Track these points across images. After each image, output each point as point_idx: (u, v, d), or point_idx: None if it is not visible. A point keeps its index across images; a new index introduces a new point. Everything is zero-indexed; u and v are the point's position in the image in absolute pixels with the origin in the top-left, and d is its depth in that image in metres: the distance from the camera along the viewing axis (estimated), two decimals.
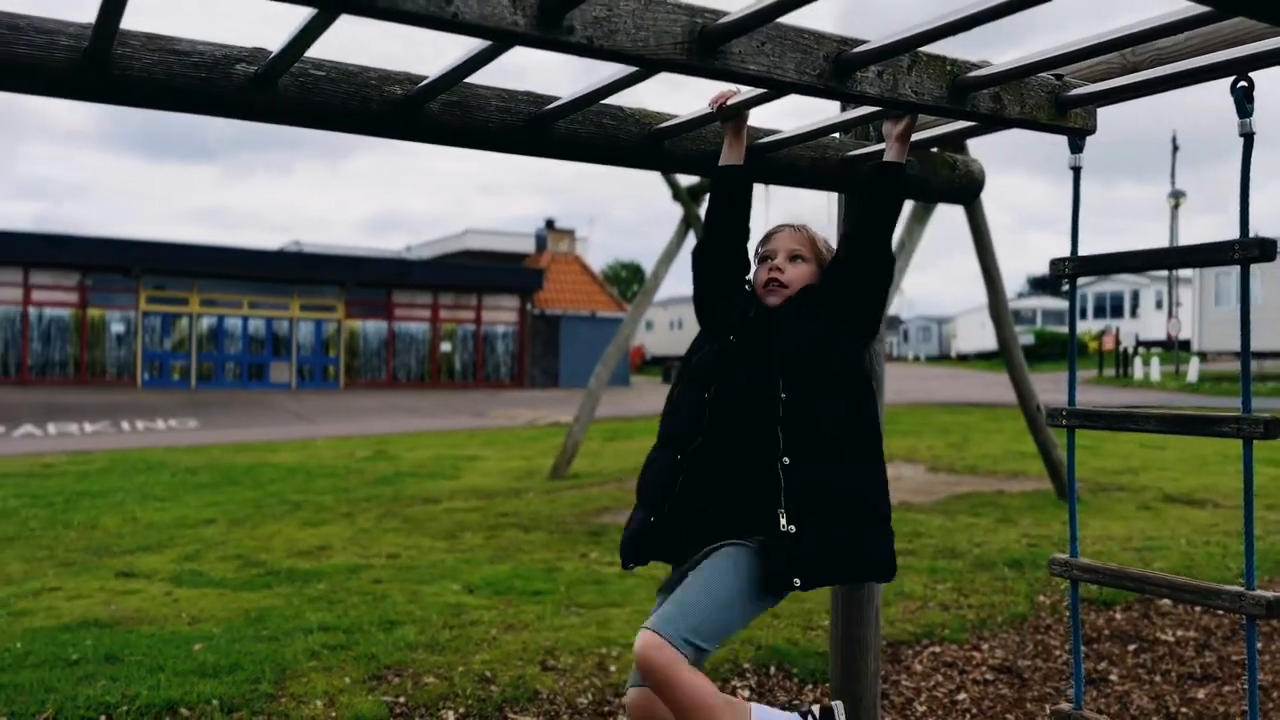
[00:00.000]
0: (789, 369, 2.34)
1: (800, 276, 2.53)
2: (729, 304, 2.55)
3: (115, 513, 8.59)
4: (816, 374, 2.36)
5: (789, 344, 2.38)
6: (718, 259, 2.60)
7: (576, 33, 1.72)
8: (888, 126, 2.44)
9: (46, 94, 1.95)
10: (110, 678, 4.15)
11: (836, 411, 2.35)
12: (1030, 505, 8.66)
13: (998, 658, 4.63)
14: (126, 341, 28.67)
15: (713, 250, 2.60)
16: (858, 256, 2.46)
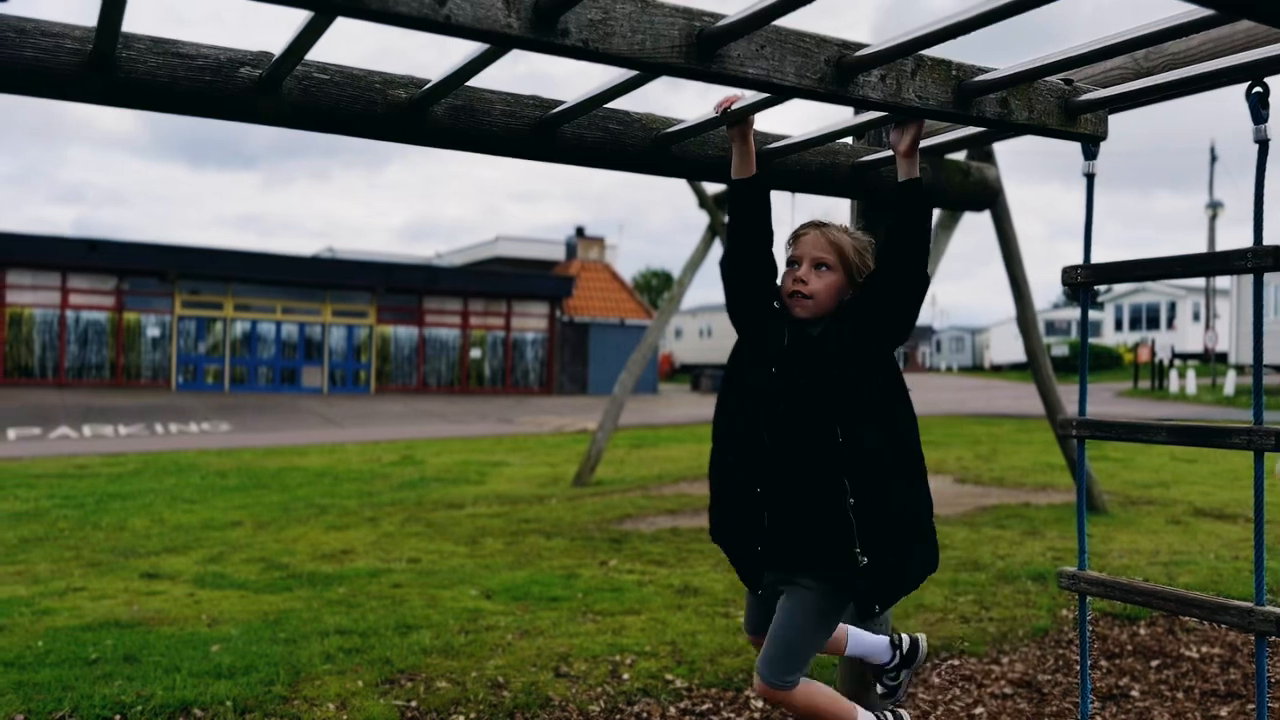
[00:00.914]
0: (840, 406, 2.38)
1: (826, 287, 2.47)
2: (764, 330, 2.53)
3: (144, 514, 8.69)
4: (866, 406, 2.39)
5: (836, 380, 2.40)
6: (744, 267, 2.57)
7: (571, 35, 1.71)
8: (894, 137, 2.38)
9: (52, 96, 1.98)
10: (127, 677, 4.19)
11: (888, 440, 2.42)
12: (1057, 518, 8.55)
13: (1017, 672, 4.56)
14: (161, 345, 29.05)
15: (738, 259, 2.56)
16: (890, 278, 2.41)
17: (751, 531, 2.49)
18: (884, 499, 2.40)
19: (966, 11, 1.75)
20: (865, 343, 2.41)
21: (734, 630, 5.00)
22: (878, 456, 2.40)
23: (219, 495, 9.97)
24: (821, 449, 2.37)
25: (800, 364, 2.42)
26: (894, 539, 2.42)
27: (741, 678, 4.33)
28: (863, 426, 2.38)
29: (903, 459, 2.45)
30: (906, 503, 2.46)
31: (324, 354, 31.31)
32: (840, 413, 2.37)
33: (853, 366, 2.39)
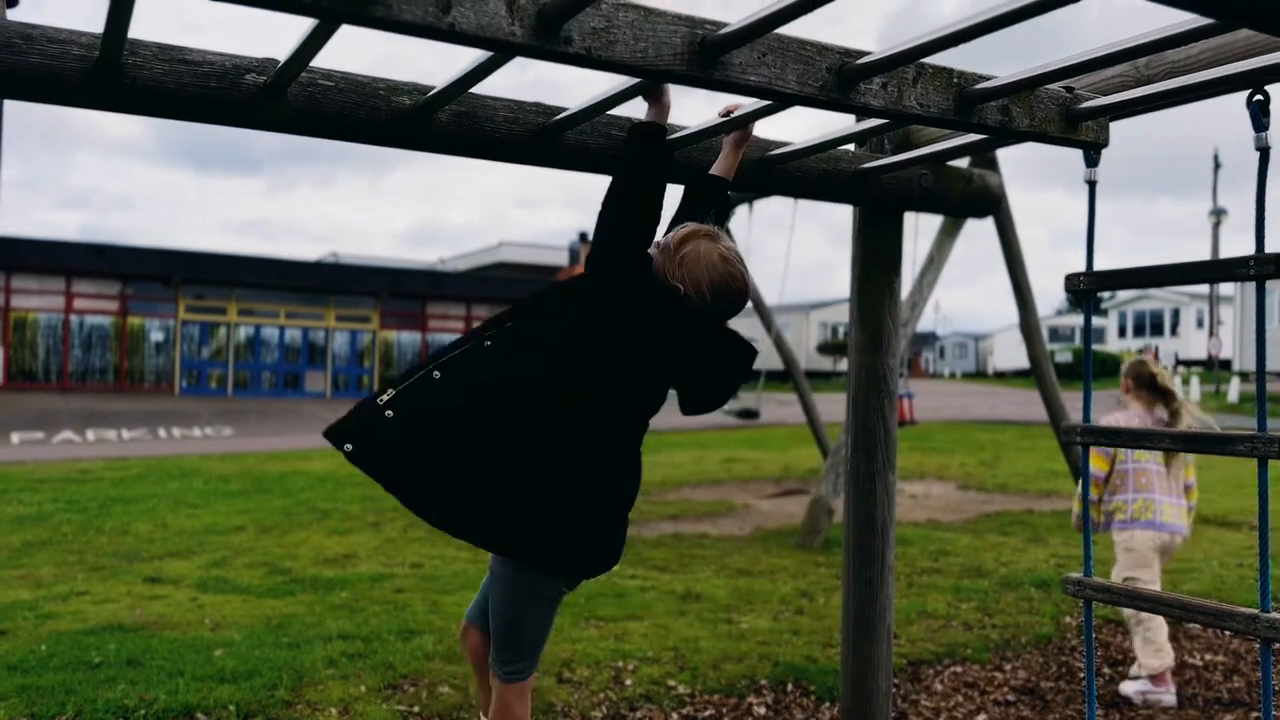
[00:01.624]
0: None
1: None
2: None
3: (147, 519, 8.69)
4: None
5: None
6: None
7: (575, 43, 1.72)
8: (645, 97, 2.28)
9: (59, 102, 1.99)
10: (130, 681, 4.19)
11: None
12: (1060, 525, 8.54)
13: (1020, 679, 4.56)
14: (165, 349, 29.08)
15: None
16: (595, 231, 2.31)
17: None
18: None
19: (967, 20, 1.76)
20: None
21: (736, 636, 5.00)
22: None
23: (222, 500, 9.97)
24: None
25: None
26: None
27: (744, 684, 4.33)
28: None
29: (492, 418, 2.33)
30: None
31: (327, 359, 31.34)
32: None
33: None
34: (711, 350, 2.37)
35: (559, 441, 2.27)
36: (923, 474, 12.39)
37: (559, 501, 2.29)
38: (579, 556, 2.37)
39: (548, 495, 2.29)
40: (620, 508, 2.42)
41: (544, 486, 2.28)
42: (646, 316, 2.30)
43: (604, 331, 2.26)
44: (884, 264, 3.02)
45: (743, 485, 11.59)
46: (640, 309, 2.28)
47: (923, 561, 6.84)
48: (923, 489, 11.13)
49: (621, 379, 2.31)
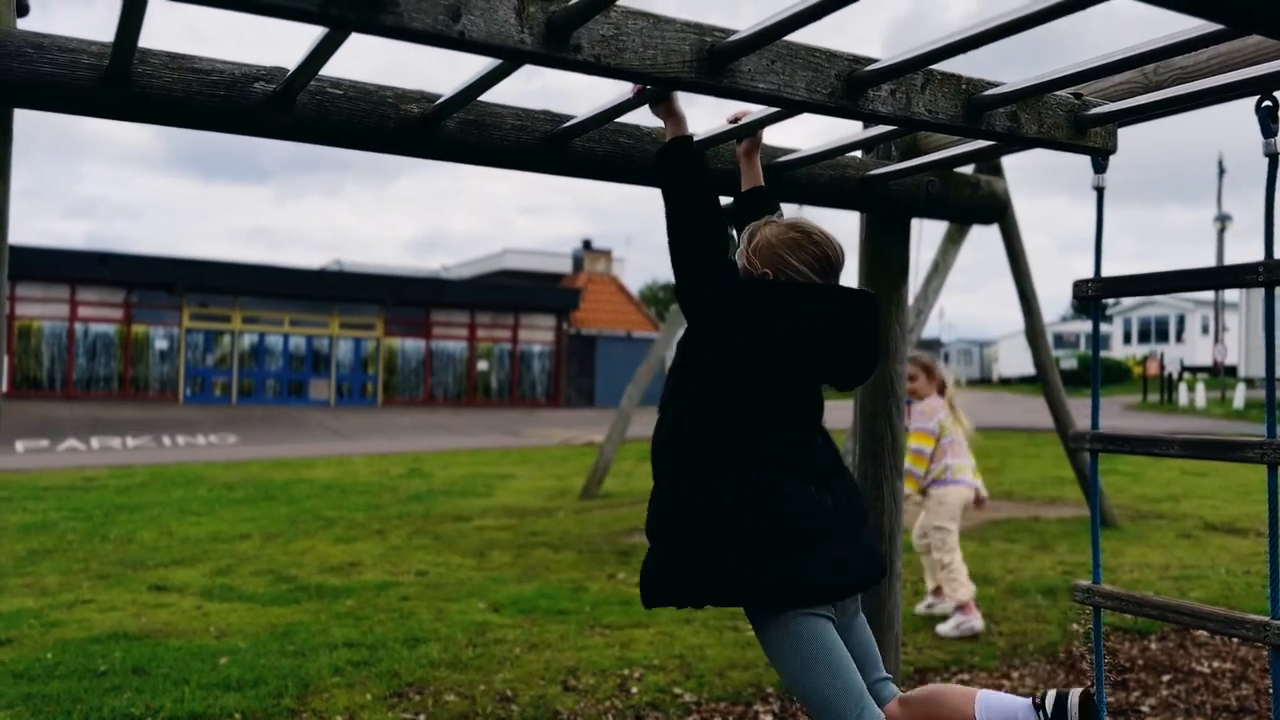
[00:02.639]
0: (670, 387, 2.41)
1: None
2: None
3: (152, 526, 8.70)
4: (683, 391, 2.35)
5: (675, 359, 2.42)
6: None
7: (584, 51, 1.72)
8: (653, 109, 2.26)
9: (69, 111, 1.99)
10: (136, 689, 4.19)
11: (688, 429, 2.31)
12: (1066, 532, 8.51)
13: (1028, 686, 4.54)
14: (170, 357, 29.12)
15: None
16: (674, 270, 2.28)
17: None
18: (674, 487, 2.29)
19: (976, 27, 1.76)
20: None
21: (743, 644, 4.99)
22: (685, 440, 2.30)
23: (227, 507, 9.98)
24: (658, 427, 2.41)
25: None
26: (672, 531, 2.28)
27: (750, 691, 4.32)
28: (675, 410, 2.35)
29: (684, 449, 2.30)
30: (669, 495, 2.31)
31: (331, 366, 31.37)
32: (668, 392, 2.39)
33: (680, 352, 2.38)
34: (845, 314, 2.22)
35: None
36: None
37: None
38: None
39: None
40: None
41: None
42: (771, 321, 2.19)
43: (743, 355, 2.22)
44: (891, 270, 3.02)
45: None
46: (760, 316, 2.18)
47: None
48: None
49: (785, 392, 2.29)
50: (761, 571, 2.16)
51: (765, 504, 2.18)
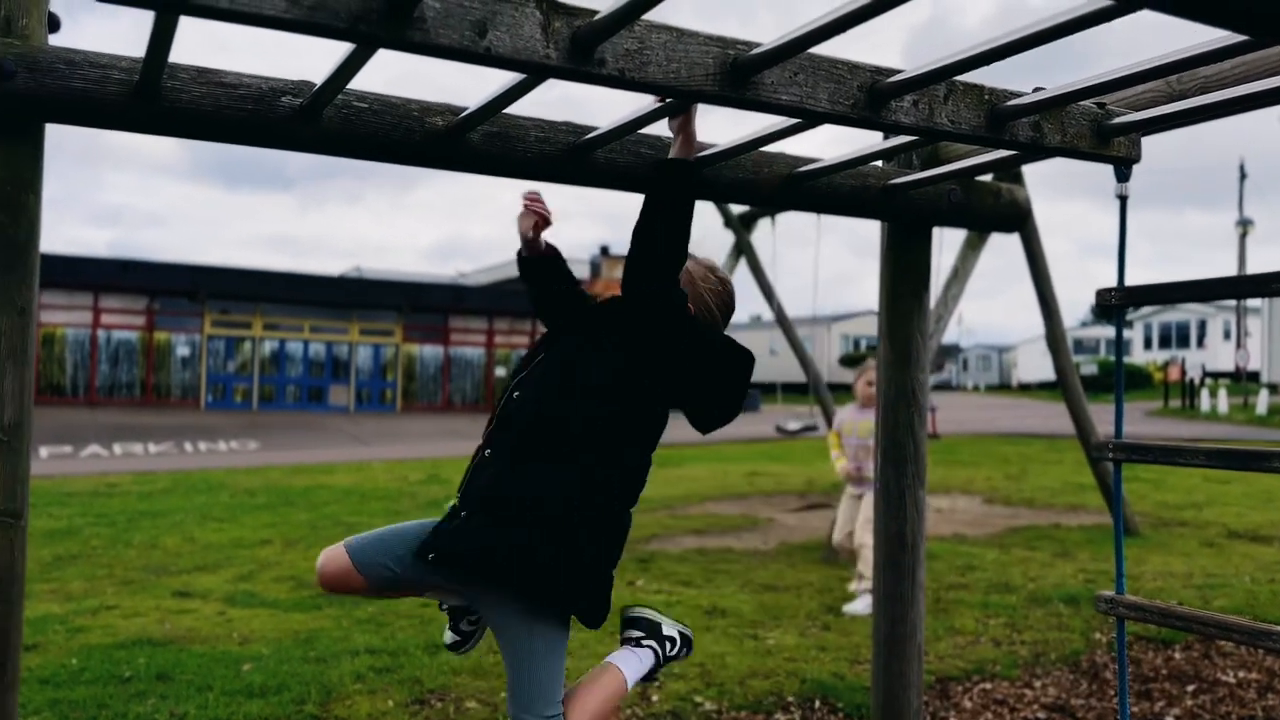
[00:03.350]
0: (534, 370, 2.38)
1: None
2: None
3: (175, 532, 8.76)
4: (548, 378, 2.34)
5: (552, 347, 2.41)
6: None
7: (608, 65, 1.74)
8: (669, 122, 2.26)
9: (100, 126, 2.02)
10: (160, 696, 4.22)
11: (548, 417, 2.29)
12: (1088, 539, 8.46)
13: (1050, 696, 4.52)
14: (191, 364, 29.35)
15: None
16: (635, 269, 2.26)
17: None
18: (511, 466, 2.29)
19: (999, 39, 1.76)
20: (601, 327, 2.37)
21: (762, 653, 4.98)
22: (529, 423, 2.30)
23: (248, 513, 10.04)
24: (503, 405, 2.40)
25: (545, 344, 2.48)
26: (498, 511, 2.27)
27: (771, 700, 4.31)
28: (539, 398, 2.32)
29: (563, 437, 2.28)
30: (538, 483, 2.26)
31: (351, 373, 31.53)
32: (531, 381, 2.37)
33: (577, 340, 2.38)
34: (720, 363, 2.35)
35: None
36: (948, 488, 12.31)
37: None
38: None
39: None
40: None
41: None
42: (673, 345, 2.32)
43: (650, 366, 2.32)
44: (913, 279, 3.02)
45: (766, 499, 11.56)
46: (671, 339, 2.29)
47: (949, 577, 6.80)
48: (948, 503, 11.06)
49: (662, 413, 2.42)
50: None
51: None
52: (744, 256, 12.00)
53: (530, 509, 2.24)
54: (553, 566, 2.24)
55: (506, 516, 2.25)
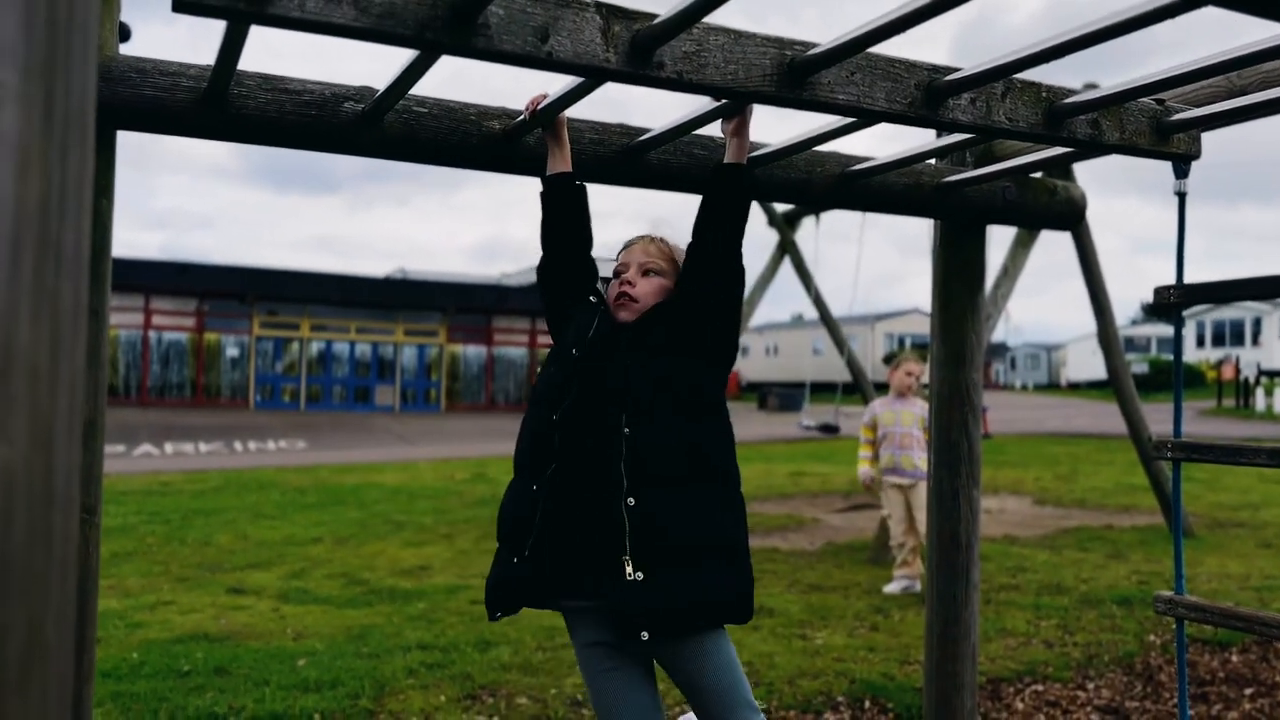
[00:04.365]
0: (629, 398, 2.19)
1: (652, 290, 2.35)
2: (575, 320, 2.40)
3: (228, 530, 8.92)
4: (657, 403, 2.20)
5: (632, 370, 2.23)
6: (562, 272, 2.44)
7: (667, 68, 1.76)
8: (723, 124, 2.22)
9: (169, 132, 2.08)
10: (219, 689, 4.31)
11: (680, 444, 2.20)
12: (1141, 540, 8.34)
13: (1104, 698, 4.47)
14: (240, 365, 29.82)
15: (554, 265, 2.44)
16: (698, 275, 2.24)
17: (523, 527, 2.25)
18: (670, 506, 2.15)
19: (1060, 36, 1.76)
20: (683, 345, 2.26)
21: (811, 653, 4.97)
22: (668, 458, 2.18)
23: (299, 511, 10.19)
24: (609, 445, 2.17)
25: (606, 353, 2.27)
26: (677, 556, 2.14)
27: (821, 700, 4.31)
28: (659, 428, 2.18)
29: (703, 466, 2.22)
30: (699, 516, 2.19)
31: (396, 373, 31.85)
32: (635, 411, 2.18)
33: (657, 360, 2.24)
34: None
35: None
36: (997, 488, 12.18)
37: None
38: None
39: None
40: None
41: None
42: (730, 337, 2.44)
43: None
44: (967, 277, 3.00)
45: (811, 499, 11.52)
46: (730, 332, 2.41)
47: (1000, 578, 6.73)
48: (997, 504, 10.95)
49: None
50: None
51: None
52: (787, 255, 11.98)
53: (710, 541, 2.19)
54: (748, 588, 2.24)
55: (692, 557, 2.17)
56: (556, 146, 2.32)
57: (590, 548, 2.17)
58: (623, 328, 2.33)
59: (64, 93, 0.67)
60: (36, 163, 0.65)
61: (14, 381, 0.63)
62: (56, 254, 0.66)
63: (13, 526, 0.63)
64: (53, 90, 0.66)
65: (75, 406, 0.68)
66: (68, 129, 0.68)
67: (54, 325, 0.66)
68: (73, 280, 0.68)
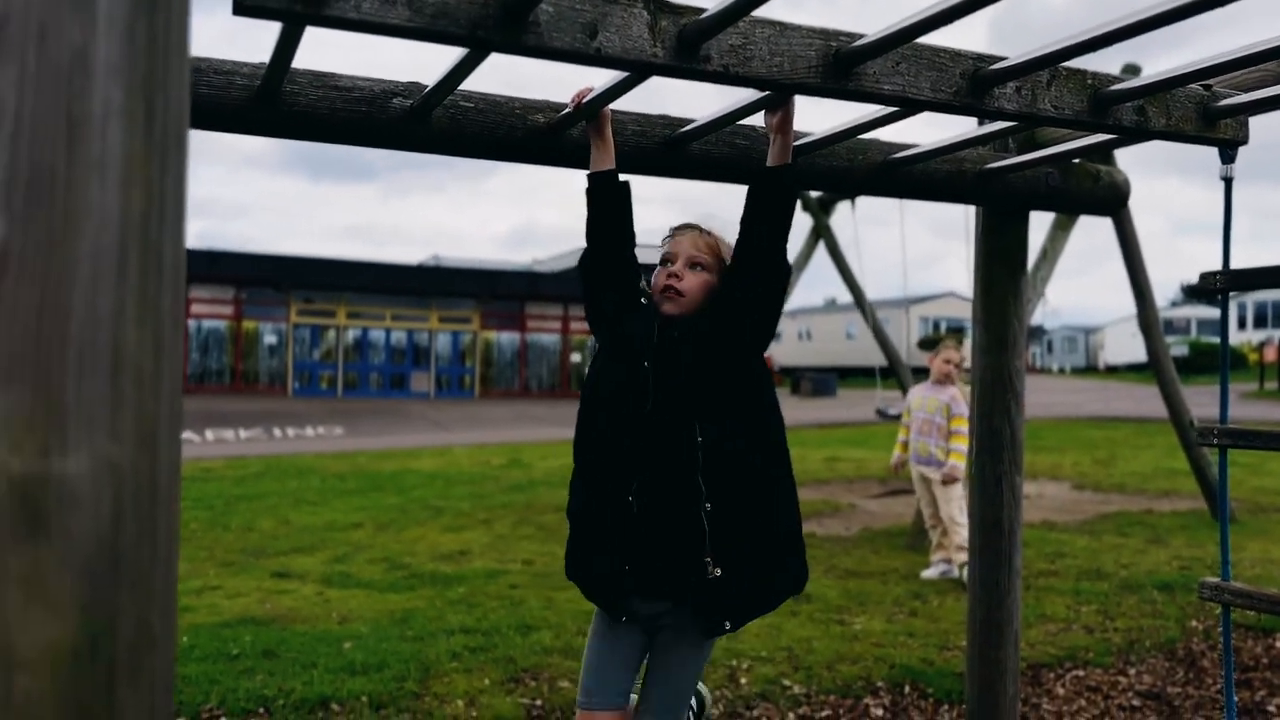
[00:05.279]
0: (699, 405, 2.27)
1: (699, 285, 2.38)
2: (629, 322, 2.44)
3: (270, 516, 9.06)
4: (727, 406, 2.29)
5: (696, 378, 2.29)
6: (605, 268, 2.45)
7: (713, 61, 1.77)
8: (766, 117, 2.24)
9: (224, 129, 2.12)
10: (268, 672, 4.40)
11: (751, 443, 2.30)
12: (1182, 525, 8.27)
13: (1145, 683, 4.45)
14: (278, 352, 30.17)
15: (599, 259, 2.45)
16: (746, 267, 2.29)
17: (623, 536, 2.31)
18: (745, 506, 2.27)
19: (1108, 25, 1.75)
20: (724, 337, 2.30)
21: (849, 638, 4.99)
22: (742, 460, 2.28)
23: (339, 497, 10.32)
24: (683, 452, 2.24)
25: (669, 359, 2.32)
26: (753, 551, 2.28)
27: (860, 685, 4.33)
28: (730, 431, 2.27)
29: (769, 461, 2.33)
30: (770, 510, 2.32)
31: (431, 360, 32.09)
32: (707, 417, 2.25)
33: (709, 362, 2.29)
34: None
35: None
36: (1035, 473, 12.10)
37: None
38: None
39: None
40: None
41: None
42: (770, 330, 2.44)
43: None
44: (1009, 263, 3.00)
45: (847, 484, 11.51)
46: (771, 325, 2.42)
47: (1039, 564, 6.71)
48: (1035, 489, 10.88)
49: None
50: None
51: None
52: (822, 240, 11.94)
53: (781, 532, 2.36)
54: (806, 570, 2.46)
55: (767, 549, 2.33)
56: (600, 141, 2.34)
57: (673, 553, 2.27)
58: (675, 330, 2.37)
59: (163, 109, 0.71)
60: (139, 176, 0.69)
61: (123, 382, 0.67)
62: (158, 262, 0.70)
63: (123, 524, 0.66)
64: (153, 106, 0.70)
65: (176, 407, 0.72)
66: (166, 143, 0.71)
67: (156, 329, 0.70)
68: (172, 286, 0.72)
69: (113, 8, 0.67)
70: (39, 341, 0.65)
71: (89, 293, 0.66)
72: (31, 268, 0.65)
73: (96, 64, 0.67)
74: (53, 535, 0.64)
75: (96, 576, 0.65)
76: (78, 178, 0.66)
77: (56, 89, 0.65)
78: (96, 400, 0.65)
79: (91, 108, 0.66)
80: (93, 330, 0.66)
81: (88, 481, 0.64)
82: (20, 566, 0.63)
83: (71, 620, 0.64)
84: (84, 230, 0.66)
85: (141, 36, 0.69)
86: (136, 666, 0.68)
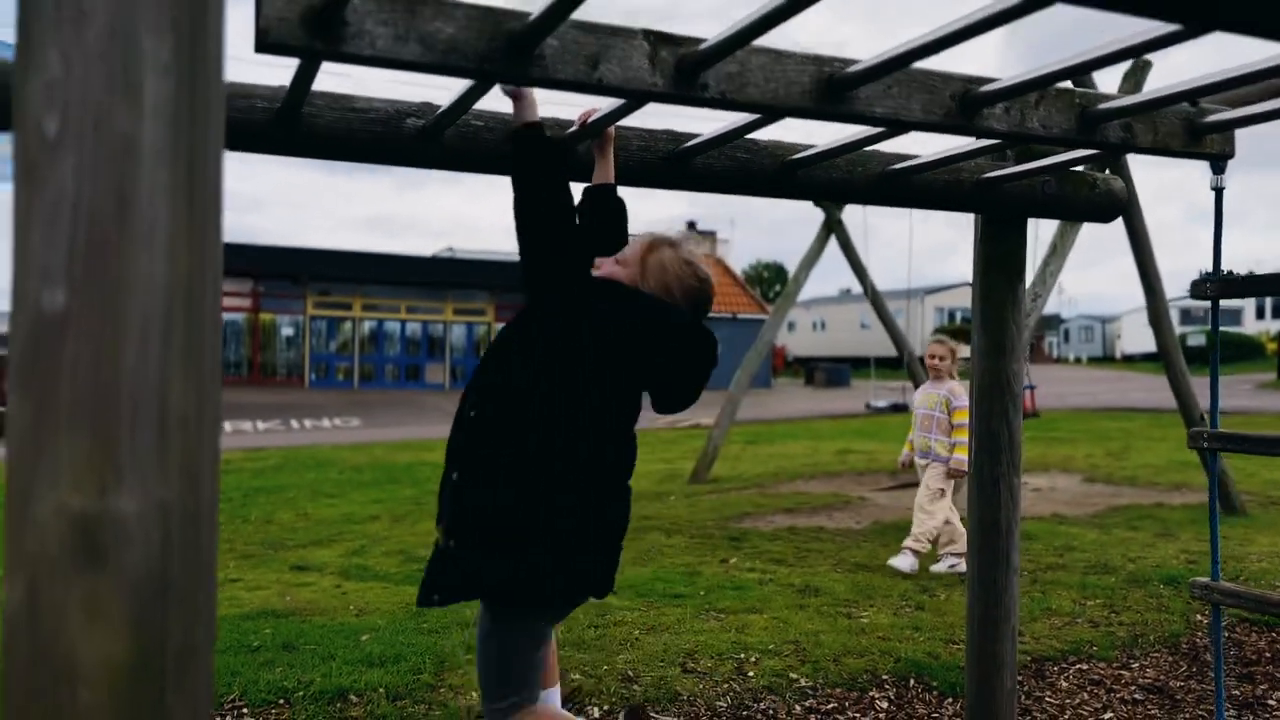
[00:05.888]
0: (481, 380, 2.44)
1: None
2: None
3: (289, 508, 9.21)
4: (496, 382, 2.38)
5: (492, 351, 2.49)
6: (585, 270, 2.50)
7: (710, 88, 1.86)
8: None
9: (246, 150, 2.22)
10: (288, 664, 4.52)
11: (487, 414, 2.36)
12: (1192, 519, 8.31)
13: (1149, 677, 4.52)
14: (295, 344, 30.43)
15: (587, 264, 2.50)
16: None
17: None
18: (475, 485, 2.34)
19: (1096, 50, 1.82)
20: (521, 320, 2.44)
21: (857, 631, 5.08)
22: (486, 436, 2.33)
23: (356, 489, 10.47)
24: (460, 419, 2.41)
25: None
26: (476, 533, 2.32)
27: (866, 678, 4.42)
28: (475, 401, 2.38)
29: (516, 450, 2.29)
30: (499, 499, 2.31)
31: (446, 351, 32.30)
32: (479, 386, 2.40)
33: (506, 337, 2.43)
34: (687, 351, 2.50)
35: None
36: (1046, 466, 12.15)
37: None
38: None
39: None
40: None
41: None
42: (615, 328, 2.38)
43: (567, 346, 2.34)
44: (1007, 269, 3.07)
45: (858, 477, 11.58)
46: (604, 321, 2.37)
47: (1047, 557, 6.78)
48: (1046, 481, 10.93)
49: (591, 396, 2.35)
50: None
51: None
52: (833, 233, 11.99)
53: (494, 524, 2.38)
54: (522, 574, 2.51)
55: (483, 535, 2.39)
56: (601, 159, 2.48)
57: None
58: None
59: (203, 183, 0.80)
60: (182, 245, 0.78)
61: (169, 429, 0.76)
62: (200, 320, 0.79)
63: (170, 554, 0.76)
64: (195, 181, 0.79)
65: (215, 446, 0.82)
66: (206, 213, 0.80)
67: (199, 380, 0.79)
68: (211, 339, 0.81)
69: (159, 96, 0.76)
70: (96, 394, 0.74)
71: (140, 350, 0.75)
72: (89, 329, 0.74)
73: (144, 148, 0.76)
74: (109, 566, 0.73)
75: (147, 601, 0.74)
76: (129, 250, 0.75)
77: (110, 173, 0.74)
78: (147, 446, 0.74)
79: (140, 188, 0.75)
80: (143, 383, 0.75)
81: (140, 518, 0.74)
82: (81, 593, 0.72)
83: (126, 639, 0.73)
84: (135, 296, 0.75)
85: (185, 120, 0.78)
86: (182, 674, 0.77)
